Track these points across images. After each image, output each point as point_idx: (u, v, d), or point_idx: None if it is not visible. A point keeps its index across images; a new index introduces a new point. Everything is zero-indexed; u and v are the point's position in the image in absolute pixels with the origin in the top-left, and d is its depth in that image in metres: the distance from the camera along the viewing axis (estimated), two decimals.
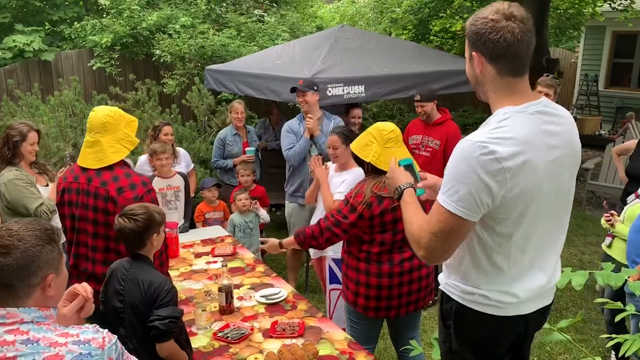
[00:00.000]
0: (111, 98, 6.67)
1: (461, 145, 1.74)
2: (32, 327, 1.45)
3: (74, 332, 1.48)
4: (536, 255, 1.89)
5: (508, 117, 1.73)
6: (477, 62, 1.79)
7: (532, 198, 1.75)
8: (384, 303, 2.97)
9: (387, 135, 2.93)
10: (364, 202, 2.82)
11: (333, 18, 13.56)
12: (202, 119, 6.97)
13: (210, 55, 7.70)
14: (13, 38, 7.57)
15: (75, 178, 2.86)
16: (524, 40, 1.72)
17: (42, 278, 1.48)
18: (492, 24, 1.71)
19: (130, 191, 2.75)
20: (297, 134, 4.74)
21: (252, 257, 4.02)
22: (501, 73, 1.76)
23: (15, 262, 1.44)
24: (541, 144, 1.74)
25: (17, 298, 1.46)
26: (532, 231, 1.82)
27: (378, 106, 9.54)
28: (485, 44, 1.73)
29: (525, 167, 1.70)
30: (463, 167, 1.69)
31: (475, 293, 1.89)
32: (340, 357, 2.65)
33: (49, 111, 5.87)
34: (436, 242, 1.78)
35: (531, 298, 1.92)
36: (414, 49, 6.86)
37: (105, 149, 2.80)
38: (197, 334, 2.86)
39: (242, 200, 4.74)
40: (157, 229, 2.48)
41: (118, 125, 2.84)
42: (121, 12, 8.13)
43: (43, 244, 1.50)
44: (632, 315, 2.52)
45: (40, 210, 3.55)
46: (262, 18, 9.59)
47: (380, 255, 2.92)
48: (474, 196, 1.68)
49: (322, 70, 5.32)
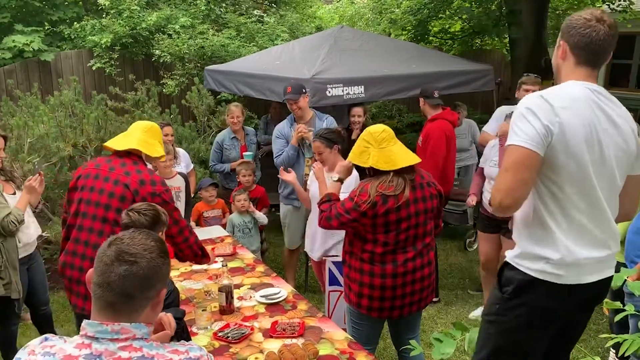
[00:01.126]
0: (111, 98, 6.66)
1: (522, 99, 2.10)
2: (143, 343, 1.41)
3: (183, 349, 1.46)
4: (593, 216, 2.09)
5: (563, 84, 2.11)
6: (561, 49, 2.15)
7: (576, 149, 2.01)
8: (388, 303, 2.98)
9: (379, 136, 2.94)
10: (368, 202, 2.82)
11: (332, 19, 13.55)
12: (202, 119, 6.97)
13: (210, 55, 7.70)
14: (13, 38, 7.56)
15: (96, 166, 3.00)
16: (605, 41, 2.06)
17: (157, 292, 1.47)
18: (584, 21, 2.06)
19: (150, 186, 2.90)
20: (288, 137, 4.72)
21: (252, 257, 4.02)
22: (578, 62, 2.11)
23: (142, 272, 1.41)
24: (589, 108, 2.04)
25: (133, 310, 1.42)
26: (584, 185, 2.05)
27: (377, 107, 9.55)
28: (573, 36, 2.09)
29: (572, 119, 2.00)
30: (524, 111, 2.02)
31: (540, 259, 2.09)
32: (341, 357, 2.66)
33: (49, 111, 5.85)
34: (507, 178, 2.03)
35: (589, 269, 2.10)
36: (413, 49, 6.88)
37: (134, 139, 3.06)
38: (198, 334, 2.87)
39: (241, 201, 4.75)
40: (162, 227, 2.49)
41: (156, 136, 3.17)
42: (121, 12, 8.13)
43: (164, 256, 1.49)
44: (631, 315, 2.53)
45: (7, 220, 3.26)
46: (262, 18, 9.60)
47: (384, 255, 2.92)
48: (537, 131, 1.98)
49: (322, 71, 5.33)
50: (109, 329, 1.38)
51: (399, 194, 2.84)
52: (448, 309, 4.82)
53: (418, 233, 2.95)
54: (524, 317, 2.15)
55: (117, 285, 1.39)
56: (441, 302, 4.93)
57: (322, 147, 3.72)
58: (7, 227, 3.27)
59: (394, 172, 2.87)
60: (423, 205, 2.94)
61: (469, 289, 5.24)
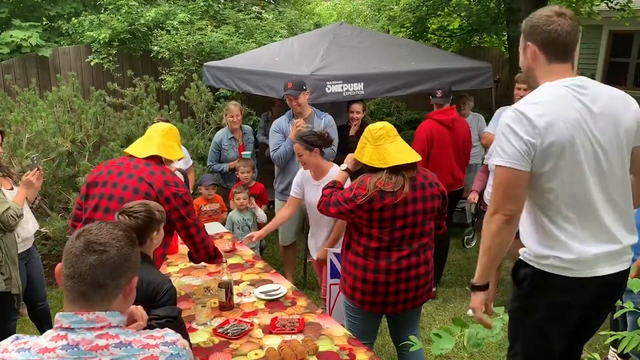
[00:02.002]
0: (109, 94, 6.66)
1: (503, 115, 2.20)
2: (119, 331, 1.44)
3: (159, 334, 1.50)
4: (594, 215, 2.12)
5: (539, 90, 2.13)
6: (530, 51, 2.18)
7: (562, 152, 2.04)
8: (380, 298, 2.99)
9: (376, 133, 2.95)
10: (365, 196, 2.83)
11: (330, 15, 13.55)
12: (201, 115, 6.96)
13: (209, 51, 7.69)
14: (10, 33, 7.53)
15: (120, 163, 3.03)
16: (570, 33, 2.12)
17: (128, 280, 1.49)
18: (546, 18, 2.12)
19: (174, 187, 2.94)
20: (285, 132, 4.72)
21: (251, 253, 4.03)
22: (549, 59, 2.14)
23: (112, 260, 1.44)
24: (571, 106, 2.06)
25: (105, 298, 1.45)
26: (576, 184, 2.08)
27: (376, 104, 9.55)
28: (538, 34, 2.14)
29: (553, 124, 2.03)
30: (503, 129, 2.09)
31: (549, 257, 2.14)
32: (340, 353, 2.66)
33: (47, 107, 5.85)
34: (498, 197, 2.10)
35: (601, 262, 2.14)
36: (412, 46, 6.88)
37: (154, 144, 3.10)
38: (197, 330, 2.87)
39: (240, 200, 4.75)
40: (157, 226, 2.48)
41: (173, 138, 3.22)
42: (119, 8, 8.11)
43: (133, 245, 1.52)
44: (629, 312, 2.55)
45: (7, 215, 3.25)
46: (260, 15, 9.58)
47: (378, 251, 2.93)
48: (517, 149, 2.04)
49: (321, 68, 5.33)
50: (84, 319, 1.40)
51: (398, 190, 2.84)
52: (446, 306, 4.83)
53: (415, 232, 2.95)
54: (544, 310, 2.21)
55: (89, 275, 1.42)
56: (439, 299, 4.94)
57: (302, 150, 3.71)
58: (6, 221, 3.25)
59: (389, 170, 2.87)
60: (422, 205, 2.93)
61: (467, 286, 5.25)
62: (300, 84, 4.66)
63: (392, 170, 2.87)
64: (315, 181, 3.81)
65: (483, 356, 4.04)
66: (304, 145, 3.69)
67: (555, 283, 2.16)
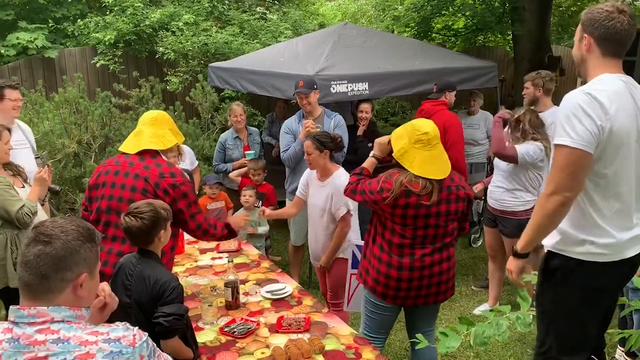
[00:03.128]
0: (115, 95, 6.69)
1: (566, 97, 2.16)
2: (63, 326, 1.44)
3: (104, 330, 1.48)
4: (629, 198, 2.21)
5: (602, 78, 2.19)
6: (586, 42, 2.23)
7: (622, 141, 2.12)
8: (402, 293, 3.00)
9: (418, 135, 2.90)
10: (391, 192, 2.82)
11: (335, 16, 13.55)
12: (206, 116, 6.98)
13: (214, 52, 7.71)
14: (16, 35, 7.57)
15: (116, 162, 3.04)
16: (629, 31, 2.17)
17: (77, 275, 1.48)
18: (607, 14, 2.16)
19: (170, 178, 2.93)
20: (296, 133, 4.72)
21: (257, 253, 4.04)
22: (605, 53, 2.21)
23: (55, 252, 1.45)
24: (629, 100, 2.16)
25: (49, 291, 1.45)
26: (624, 173, 2.17)
27: (380, 103, 9.55)
28: (597, 28, 2.18)
29: (619, 112, 2.09)
30: (575, 110, 2.09)
31: (585, 241, 2.20)
32: (346, 352, 2.67)
33: (53, 108, 5.88)
34: (563, 178, 2.11)
35: (629, 245, 2.23)
36: (417, 46, 6.87)
37: (144, 137, 3.05)
38: (204, 329, 2.89)
39: (246, 196, 4.76)
40: (164, 225, 2.50)
41: (164, 124, 3.14)
42: (124, 9, 8.14)
43: (84, 240, 1.51)
44: (635, 310, 2.55)
45: (22, 212, 3.35)
46: (265, 15, 9.60)
47: (402, 248, 2.93)
48: (590, 131, 2.06)
49: (326, 68, 5.33)
50: (25, 313, 1.43)
51: (424, 195, 2.84)
52: (452, 305, 4.83)
53: (438, 233, 2.95)
54: (578, 298, 2.26)
55: (32, 264, 1.44)
56: None
57: (312, 149, 3.68)
58: (22, 219, 3.35)
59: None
60: (446, 207, 2.92)
61: (472, 286, 5.25)
62: (311, 83, 4.67)
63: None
64: (320, 182, 3.80)
65: (489, 355, 4.03)
66: (316, 144, 3.68)
67: (588, 269, 2.21)
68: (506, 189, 4.24)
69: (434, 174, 2.87)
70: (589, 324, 2.30)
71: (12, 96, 3.95)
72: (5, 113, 3.86)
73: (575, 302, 2.26)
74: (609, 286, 2.29)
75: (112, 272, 2.55)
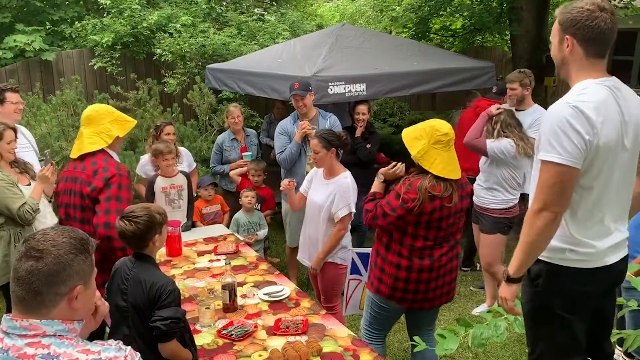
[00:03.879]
0: (112, 97, 6.68)
1: (552, 109, 2.08)
2: (54, 340, 1.40)
3: (96, 349, 1.42)
4: (610, 208, 2.17)
5: (587, 87, 2.08)
6: (568, 44, 2.12)
7: (609, 153, 2.06)
8: (420, 296, 3.03)
9: (438, 136, 2.90)
10: (417, 200, 2.82)
11: (333, 16, 13.54)
12: (204, 118, 6.98)
13: (211, 54, 7.70)
14: (14, 38, 7.56)
15: (67, 169, 3.15)
16: (612, 29, 2.07)
17: (71, 288, 1.44)
18: (589, 13, 2.05)
19: (102, 172, 2.96)
20: (291, 134, 4.71)
21: (254, 255, 4.03)
22: (588, 54, 2.10)
23: (47, 268, 1.40)
24: (615, 109, 2.07)
25: (42, 306, 1.41)
26: (609, 184, 2.12)
27: (379, 104, 9.54)
28: (580, 29, 2.07)
29: (606, 124, 2.02)
30: (562, 124, 2.01)
31: (565, 250, 2.16)
32: (344, 354, 2.66)
33: (51, 111, 5.88)
34: (551, 194, 2.04)
35: (609, 252, 2.19)
36: (414, 47, 6.87)
37: (84, 140, 3.08)
38: (201, 332, 2.88)
39: (248, 197, 4.76)
40: (158, 229, 2.48)
41: (101, 120, 3.10)
42: (122, 11, 8.13)
43: (76, 252, 1.46)
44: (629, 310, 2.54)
45: (23, 210, 3.43)
46: (263, 17, 9.59)
47: (423, 250, 2.95)
48: (578, 147, 1.99)
49: (324, 69, 5.33)
50: (17, 325, 1.39)
51: (445, 197, 2.87)
52: (451, 306, 4.82)
53: (454, 230, 3.03)
54: (562, 304, 2.22)
55: (25, 280, 1.40)
56: None
57: (320, 147, 3.66)
58: (23, 216, 3.42)
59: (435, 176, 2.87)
60: (461, 204, 2.99)
61: (471, 286, 5.24)
62: (306, 85, 4.67)
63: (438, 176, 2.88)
64: (325, 180, 3.79)
65: (488, 356, 4.02)
66: (323, 142, 3.66)
67: (570, 275, 2.18)
68: (483, 186, 4.35)
69: (453, 174, 2.91)
70: (576, 328, 2.25)
71: (13, 99, 3.99)
72: (7, 116, 3.89)
73: (558, 307, 2.23)
74: (592, 291, 2.23)
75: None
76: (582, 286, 2.20)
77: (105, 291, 2.52)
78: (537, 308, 2.29)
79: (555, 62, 2.23)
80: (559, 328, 2.26)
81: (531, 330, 2.36)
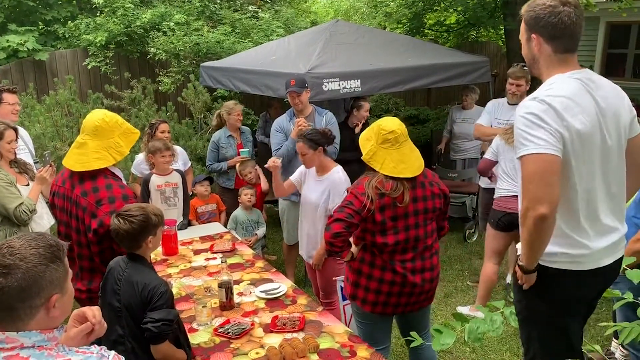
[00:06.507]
0: (107, 97, 6.66)
1: (521, 107, 2.05)
2: (33, 352, 1.35)
3: (77, 357, 1.39)
4: (602, 200, 2.12)
5: (555, 82, 2.06)
6: (535, 42, 2.10)
7: (585, 144, 2.01)
8: (393, 299, 2.96)
9: (384, 135, 2.87)
10: (365, 196, 2.78)
11: (327, 13, 13.55)
12: (198, 116, 6.96)
13: (205, 52, 7.68)
14: (7, 38, 7.52)
15: (63, 182, 2.89)
16: (577, 23, 2.03)
17: (46, 299, 1.39)
18: (551, 9, 2.02)
19: (108, 204, 2.71)
20: (287, 132, 4.71)
21: (251, 252, 4.02)
22: (556, 51, 2.07)
23: (17, 284, 1.33)
24: (588, 100, 2.04)
25: (18, 320, 1.36)
26: (591, 177, 2.07)
27: (374, 100, 9.54)
28: (544, 27, 2.05)
29: (577, 117, 1.99)
30: (530, 117, 1.98)
31: (557, 252, 2.11)
32: (341, 350, 2.66)
33: (45, 111, 5.85)
34: (534, 188, 1.97)
35: (605, 253, 2.15)
36: (409, 42, 6.86)
37: (89, 153, 2.79)
38: (198, 330, 2.87)
39: (247, 195, 4.76)
40: (153, 231, 2.45)
41: (111, 133, 2.82)
42: (115, 10, 8.10)
43: (47, 263, 1.39)
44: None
45: (20, 210, 3.42)
46: (257, 14, 9.56)
47: (389, 255, 2.87)
48: (551, 134, 1.95)
49: (318, 66, 5.32)
50: None
51: (397, 197, 2.81)
52: (447, 301, 4.83)
53: (419, 234, 2.90)
54: (557, 307, 2.19)
55: None
56: (440, 294, 4.93)
57: (306, 149, 3.65)
58: (19, 216, 3.41)
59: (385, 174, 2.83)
60: (423, 204, 2.89)
61: (468, 281, 5.25)
62: (302, 81, 4.66)
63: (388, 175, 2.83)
64: (318, 177, 3.78)
65: (485, 350, 4.03)
66: (308, 144, 3.65)
67: (563, 277, 2.14)
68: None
69: (404, 172, 2.83)
70: (570, 330, 2.24)
71: (10, 100, 3.98)
72: (4, 117, 3.88)
73: (552, 310, 2.20)
74: (586, 294, 2.21)
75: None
76: (576, 289, 2.16)
77: (100, 290, 2.50)
78: (529, 309, 2.26)
79: (527, 61, 2.22)
80: (552, 332, 2.24)
81: (524, 332, 2.33)
